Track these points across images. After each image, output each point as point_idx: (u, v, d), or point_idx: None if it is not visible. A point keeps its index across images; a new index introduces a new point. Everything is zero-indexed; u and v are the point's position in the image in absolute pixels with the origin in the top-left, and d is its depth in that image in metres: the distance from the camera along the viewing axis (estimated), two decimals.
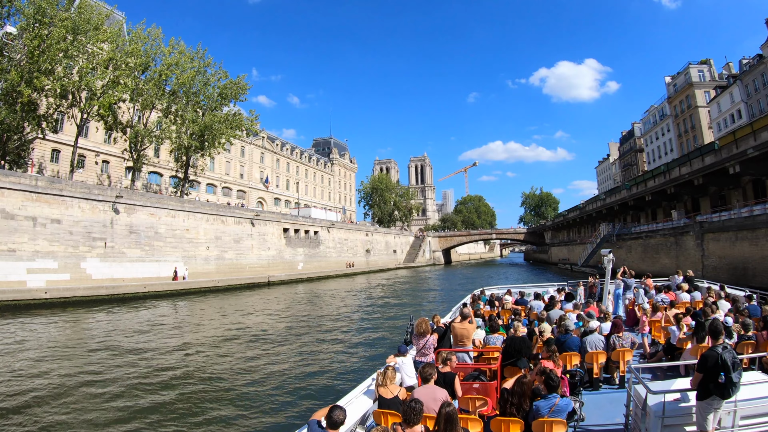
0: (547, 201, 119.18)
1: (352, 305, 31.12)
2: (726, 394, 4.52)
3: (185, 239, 37.14)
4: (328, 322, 23.87)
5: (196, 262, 37.63)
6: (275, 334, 19.98)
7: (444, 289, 43.46)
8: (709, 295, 11.97)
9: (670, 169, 32.67)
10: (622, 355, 7.44)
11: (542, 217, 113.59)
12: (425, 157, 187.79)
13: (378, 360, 13.40)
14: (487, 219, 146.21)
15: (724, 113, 51.68)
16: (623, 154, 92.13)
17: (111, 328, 20.77)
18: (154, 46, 39.00)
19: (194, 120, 40.41)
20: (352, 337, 19.63)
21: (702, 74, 60.81)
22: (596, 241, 44.88)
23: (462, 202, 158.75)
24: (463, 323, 8.04)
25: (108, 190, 33.04)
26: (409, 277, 60.87)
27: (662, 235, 32.57)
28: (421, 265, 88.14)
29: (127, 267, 32.93)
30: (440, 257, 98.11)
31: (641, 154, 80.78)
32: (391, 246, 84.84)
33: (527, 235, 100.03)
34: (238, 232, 41.96)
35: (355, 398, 5.85)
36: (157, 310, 26.67)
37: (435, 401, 4.83)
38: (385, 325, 22.28)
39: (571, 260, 61.49)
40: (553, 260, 79.27)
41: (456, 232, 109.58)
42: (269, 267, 44.81)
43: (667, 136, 67.78)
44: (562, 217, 76.95)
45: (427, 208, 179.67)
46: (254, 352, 16.22)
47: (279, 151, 78.46)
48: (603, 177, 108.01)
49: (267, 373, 13.36)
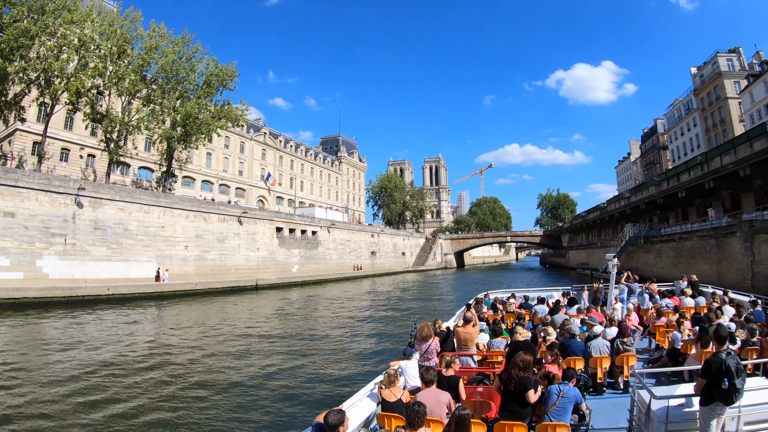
0: (565, 203, 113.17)
1: (350, 312, 27.33)
2: (729, 400, 4.49)
3: (160, 237, 33.96)
4: (327, 329, 20.75)
5: (172, 263, 34.40)
6: (258, 342, 17.54)
7: (453, 294, 39.36)
8: (714, 300, 11.52)
9: (709, 159, 27.64)
10: (626, 360, 7.45)
11: (559, 220, 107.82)
12: (440, 158, 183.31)
13: (382, 363, 13.02)
14: (503, 221, 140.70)
15: (758, 104, 46.01)
16: (645, 152, 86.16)
17: (44, 338, 17.48)
18: (132, 29, 36.13)
19: (174, 108, 37.32)
20: (351, 345, 17.55)
21: (731, 63, 54.99)
22: (620, 244, 39.87)
23: (477, 203, 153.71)
24: (467, 327, 8.02)
25: (70, 182, 30.07)
26: (416, 281, 56.74)
27: (700, 236, 27.59)
28: (432, 268, 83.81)
29: (90, 266, 29.88)
30: (452, 260, 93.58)
31: (665, 152, 75.26)
32: (400, 248, 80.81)
33: (543, 238, 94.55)
34: (222, 230, 38.65)
35: (358, 401, 5.75)
36: (114, 316, 23.38)
37: (439, 404, 5.06)
38: (387, 330, 20.36)
39: (591, 265, 56.29)
40: (570, 264, 73.94)
41: (469, 234, 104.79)
42: (258, 269, 41.39)
43: (693, 131, 61.97)
44: (581, 219, 71.45)
45: (442, 210, 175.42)
46: (238, 362, 14.27)
47: (282, 148, 75.36)
48: (623, 177, 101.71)
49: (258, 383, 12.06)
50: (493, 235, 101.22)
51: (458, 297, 35.38)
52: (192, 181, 57.40)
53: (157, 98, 36.94)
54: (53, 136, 43.78)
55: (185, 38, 39.36)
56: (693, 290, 13.11)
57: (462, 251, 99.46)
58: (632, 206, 42.62)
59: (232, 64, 41.74)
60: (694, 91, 61.02)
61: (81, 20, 32.44)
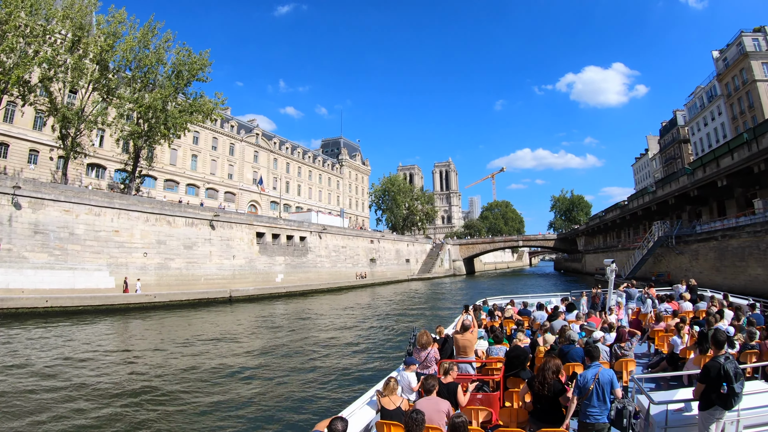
0: (579, 204, 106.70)
1: (335, 329, 22.78)
2: (728, 404, 4.57)
3: (113, 243, 29.96)
4: (306, 347, 17.62)
5: (128, 272, 30.34)
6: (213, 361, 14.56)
7: (459, 305, 34.47)
8: (713, 304, 11.22)
9: (758, 136, 22.23)
10: (626, 365, 7.48)
11: (573, 222, 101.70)
12: (450, 163, 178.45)
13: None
14: (515, 226, 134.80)
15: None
16: (664, 147, 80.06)
17: None
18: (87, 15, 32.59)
19: (134, 101, 33.56)
20: (333, 367, 14.37)
21: (757, 43, 49.30)
22: (647, 245, 34.27)
23: (488, 208, 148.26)
24: (465, 334, 7.94)
25: (7, 179, 26.29)
26: (420, 290, 51.77)
27: (752, 233, 22.01)
28: (439, 276, 78.62)
29: (28, 275, 26.00)
30: (461, 267, 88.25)
31: (686, 146, 69.53)
32: (403, 255, 75.90)
33: (557, 242, 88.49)
34: (190, 235, 34.51)
35: (357, 409, 5.67)
36: (42, 333, 19.33)
37: (438, 413, 4.94)
38: (376, 353, 17.39)
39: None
40: (587, 270, 67.97)
41: (479, 239, 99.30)
42: (234, 279, 37.09)
43: (718, 120, 55.94)
44: (598, 219, 65.48)
45: (453, 215, 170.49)
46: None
47: (276, 150, 71.52)
48: (641, 175, 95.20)
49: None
50: (504, 239, 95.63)
51: (462, 306, 30.48)
52: (175, 185, 53.77)
53: (113, 87, 33.18)
54: (20, 137, 40.71)
55: (151, 26, 35.76)
56: (692, 294, 13.08)
57: (472, 257, 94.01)
58: (659, 201, 37.02)
59: (204, 52, 37.99)
60: (717, 77, 55.16)
61: (27, 6, 28.95)
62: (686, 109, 68.30)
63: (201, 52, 37.99)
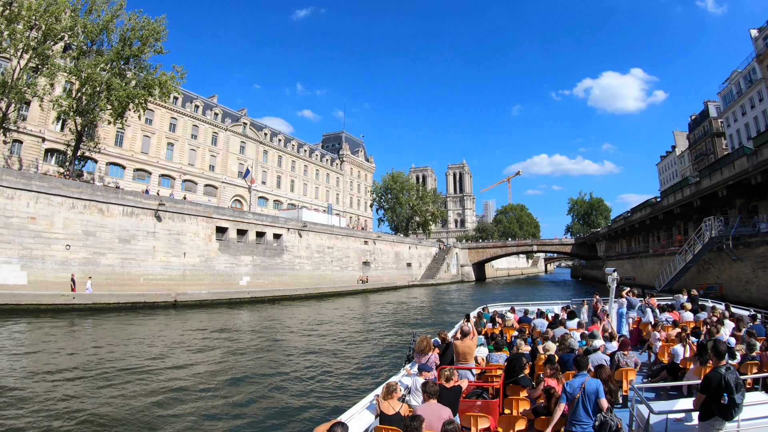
0: (598, 208, 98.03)
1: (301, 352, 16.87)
2: (729, 415, 4.48)
3: (27, 232, 24.74)
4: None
5: (45, 267, 25.08)
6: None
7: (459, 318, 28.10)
8: (713, 314, 10.99)
9: None
10: (626, 374, 7.34)
11: (592, 227, 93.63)
12: (464, 164, 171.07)
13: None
14: (530, 230, 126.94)
15: None
16: (694, 143, 71.77)
17: None
18: None
19: (69, 71, 28.51)
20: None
21: None
22: (692, 249, 27.09)
23: (502, 211, 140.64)
24: (464, 340, 7.89)
25: None
26: (421, 298, 45.33)
27: None
28: (444, 282, 72.00)
29: None
30: (470, 273, 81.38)
31: (719, 140, 61.55)
32: (404, 258, 69.57)
33: (575, 247, 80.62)
34: (129, 227, 29.09)
35: (357, 414, 5.54)
36: None
37: (439, 419, 4.77)
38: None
39: (639, 280, 43.31)
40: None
41: (489, 243, 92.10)
42: (185, 281, 31.53)
43: (758, 107, 47.77)
44: (622, 220, 57.69)
45: (466, 218, 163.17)
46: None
47: (267, 142, 66.27)
48: (667, 175, 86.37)
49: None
50: (517, 243, 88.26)
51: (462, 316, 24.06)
52: (147, 175, 48.86)
53: (41, 53, 28.18)
54: None
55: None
56: (693, 305, 13.06)
57: (482, 262, 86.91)
58: (703, 194, 29.78)
59: (160, 18, 32.87)
60: (757, 58, 46.96)
61: None
62: (720, 99, 60.24)
63: (157, 18, 33.03)
